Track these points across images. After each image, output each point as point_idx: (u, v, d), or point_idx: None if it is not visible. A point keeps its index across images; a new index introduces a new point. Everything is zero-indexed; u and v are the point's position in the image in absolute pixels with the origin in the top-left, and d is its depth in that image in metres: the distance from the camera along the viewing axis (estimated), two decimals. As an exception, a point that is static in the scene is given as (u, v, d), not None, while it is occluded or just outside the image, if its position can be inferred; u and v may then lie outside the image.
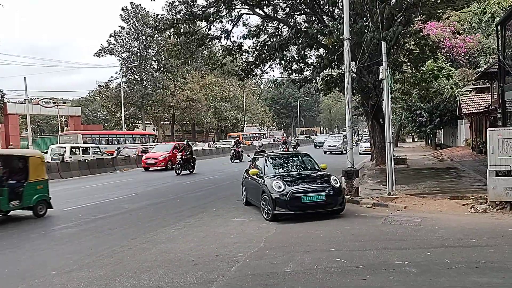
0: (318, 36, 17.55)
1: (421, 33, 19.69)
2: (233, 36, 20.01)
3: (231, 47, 20.13)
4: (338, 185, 9.78)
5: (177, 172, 22.12)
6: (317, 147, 47.72)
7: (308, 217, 9.30)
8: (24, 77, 37.78)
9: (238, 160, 30.96)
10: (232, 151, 32.66)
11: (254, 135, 68.35)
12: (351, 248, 6.96)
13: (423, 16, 19.13)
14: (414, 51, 20.56)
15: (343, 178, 11.95)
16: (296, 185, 9.54)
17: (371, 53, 15.26)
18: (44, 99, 48.93)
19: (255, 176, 10.67)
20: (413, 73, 22.74)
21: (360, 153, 31.86)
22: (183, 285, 5.56)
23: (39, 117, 62.86)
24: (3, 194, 10.36)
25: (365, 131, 69.55)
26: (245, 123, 73.20)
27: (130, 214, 11.35)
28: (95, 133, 43.70)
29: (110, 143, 39.95)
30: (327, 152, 36.70)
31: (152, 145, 40.51)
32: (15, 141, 45.20)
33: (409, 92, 25.43)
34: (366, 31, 14.19)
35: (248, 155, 16.01)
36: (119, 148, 34.76)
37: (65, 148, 28.27)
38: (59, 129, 51.86)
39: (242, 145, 40.52)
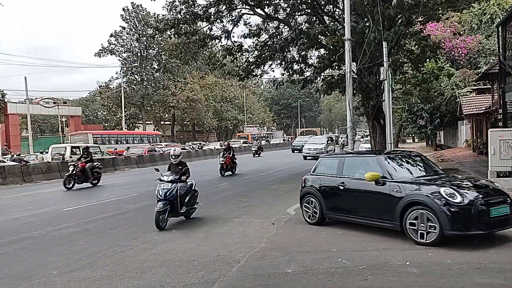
0: (319, 36, 17.57)
1: (422, 34, 19.69)
2: (233, 36, 20.09)
3: (231, 47, 20.16)
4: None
5: None
6: (296, 151, 38.33)
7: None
8: (25, 77, 37.89)
9: (91, 185, 17.57)
10: (71, 167, 17.10)
11: (262, 135, 69.56)
12: (352, 249, 6.96)
13: (424, 17, 19.13)
14: (415, 52, 20.55)
15: None
16: (470, 193, 6.92)
17: (372, 53, 15.26)
18: (44, 99, 49.01)
19: (373, 183, 7.62)
20: (414, 73, 22.75)
21: None
22: (184, 285, 5.56)
23: (39, 117, 62.94)
24: None
25: (365, 131, 69.53)
26: (246, 123, 73.34)
27: (131, 214, 11.34)
28: (105, 133, 44.85)
29: (119, 143, 40.66)
30: (308, 157, 29.81)
31: (156, 145, 41.02)
32: (15, 141, 45.18)
33: (410, 92, 25.43)
34: (367, 32, 14.21)
35: (157, 169, 9.80)
36: (128, 147, 36.06)
37: (65, 148, 28.34)
38: (60, 129, 51.91)
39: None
